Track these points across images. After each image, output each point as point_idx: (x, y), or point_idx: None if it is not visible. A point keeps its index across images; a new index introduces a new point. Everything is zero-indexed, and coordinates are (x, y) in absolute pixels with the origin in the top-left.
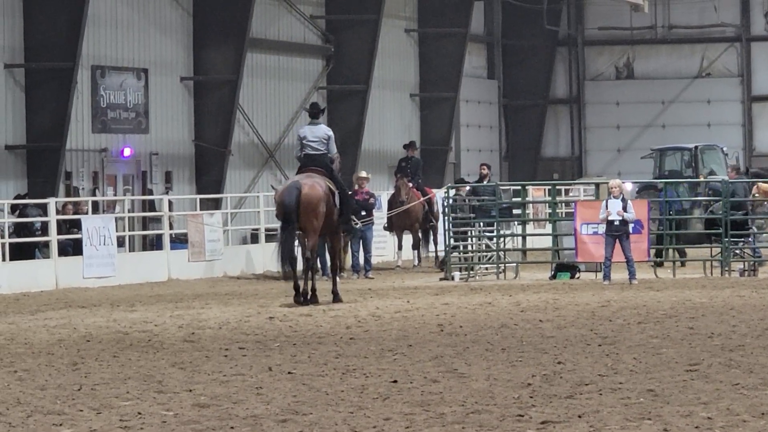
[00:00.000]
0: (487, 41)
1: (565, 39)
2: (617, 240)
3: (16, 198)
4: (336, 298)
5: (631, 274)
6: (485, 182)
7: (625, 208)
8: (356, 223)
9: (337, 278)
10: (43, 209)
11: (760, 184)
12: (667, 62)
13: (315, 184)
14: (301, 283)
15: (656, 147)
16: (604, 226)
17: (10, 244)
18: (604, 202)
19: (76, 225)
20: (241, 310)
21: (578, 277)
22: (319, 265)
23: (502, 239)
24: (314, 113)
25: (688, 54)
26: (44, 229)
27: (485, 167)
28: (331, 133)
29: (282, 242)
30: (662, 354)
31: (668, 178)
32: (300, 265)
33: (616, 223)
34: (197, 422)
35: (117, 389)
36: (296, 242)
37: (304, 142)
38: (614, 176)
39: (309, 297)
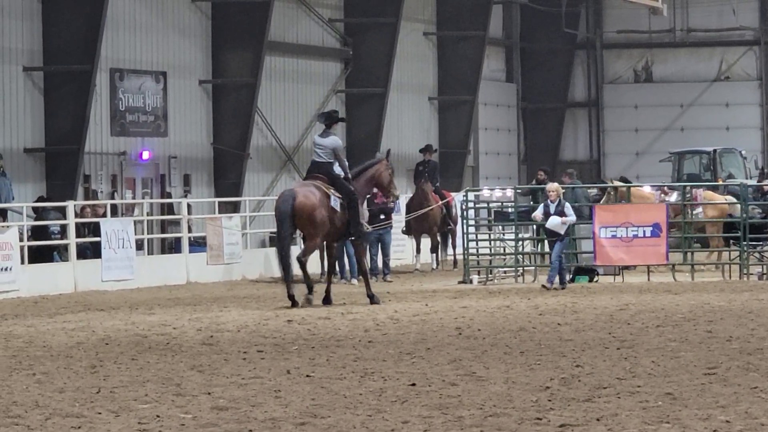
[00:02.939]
0: (505, 44)
1: (583, 42)
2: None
3: (38, 200)
4: (373, 300)
5: (549, 278)
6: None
7: (562, 212)
8: (367, 228)
9: (369, 281)
10: (62, 212)
11: (633, 189)
12: (685, 65)
13: (309, 193)
14: (296, 288)
15: (675, 150)
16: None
17: (29, 247)
18: (542, 205)
19: (95, 228)
20: (259, 313)
21: (597, 281)
22: (337, 269)
23: (520, 243)
24: (327, 123)
25: (707, 57)
26: (63, 232)
27: (542, 172)
28: (339, 143)
29: (279, 250)
30: (680, 357)
31: (687, 181)
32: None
33: (550, 227)
34: (216, 425)
35: (135, 392)
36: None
37: (314, 148)
38: (633, 179)
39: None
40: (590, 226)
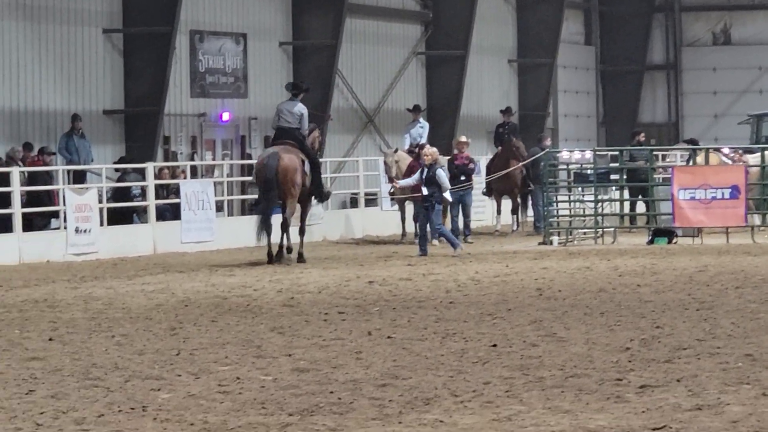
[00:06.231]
0: (584, 7)
1: (662, 5)
2: (427, 210)
3: (119, 161)
4: (300, 258)
5: (421, 248)
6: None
7: (433, 177)
8: (327, 191)
9: (303, 239)
10: (142, 174)
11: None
12: (764, 28)
13: (292, 156)
14: (275, 248)
15: (753, 113)
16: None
17: (109, 208)
18: (418, 171)
19: (174, 190)
20: (340, 275)
21: (676, 242)
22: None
23: (600, 204)
24: (295, 93)
25: None
26: (144, 194)
27: (643, 135)
28: (305, 111)
29: (261, 209)
30: (760, 318)
31: (765, 143)
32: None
33: (425, 193)
34: (296, 387)
35: (215, 354)
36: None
37: (280, 115)
38: (711, 142)
39: (278, 254)
40: (669, 188)
